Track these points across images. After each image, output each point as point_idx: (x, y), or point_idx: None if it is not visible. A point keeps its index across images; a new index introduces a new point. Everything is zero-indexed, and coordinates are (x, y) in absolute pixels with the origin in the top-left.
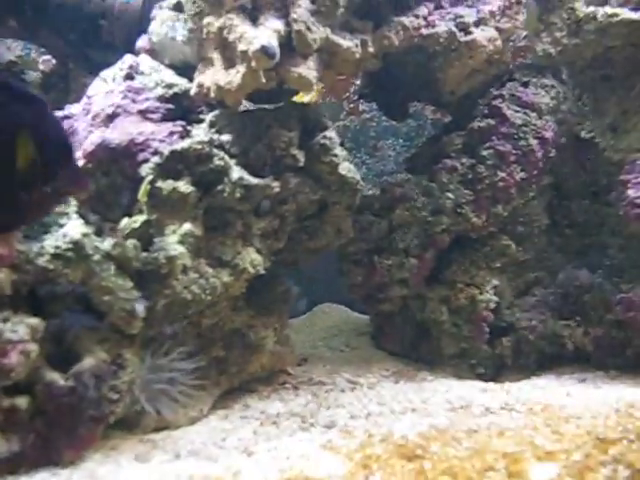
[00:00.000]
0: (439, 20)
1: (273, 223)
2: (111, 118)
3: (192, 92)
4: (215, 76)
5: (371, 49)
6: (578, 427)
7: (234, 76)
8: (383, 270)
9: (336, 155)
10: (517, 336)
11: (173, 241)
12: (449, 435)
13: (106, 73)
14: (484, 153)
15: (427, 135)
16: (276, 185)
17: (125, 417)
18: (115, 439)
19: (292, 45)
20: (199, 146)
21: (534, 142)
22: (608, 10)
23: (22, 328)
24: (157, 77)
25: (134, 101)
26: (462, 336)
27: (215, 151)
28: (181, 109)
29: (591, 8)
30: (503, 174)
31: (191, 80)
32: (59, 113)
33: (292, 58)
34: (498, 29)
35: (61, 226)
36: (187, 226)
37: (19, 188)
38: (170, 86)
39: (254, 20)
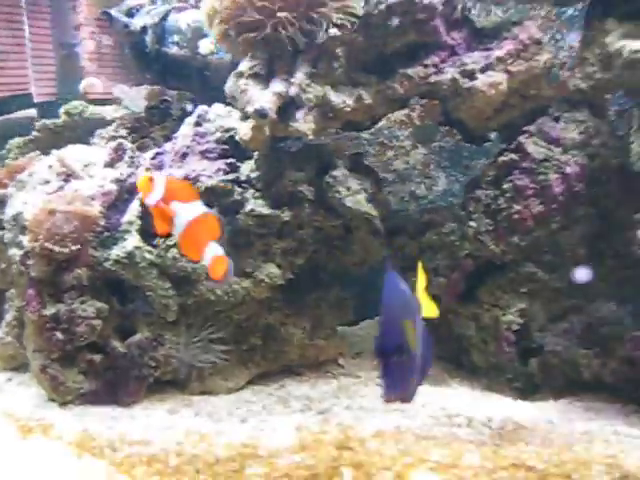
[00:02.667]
0: (449, 67)
1: (292, 244)
2: (184, 156)
3: (236, 137)
4: (240, 127)
5: (368, 101)
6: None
7: (247, 130)
8: None
9: (339, 191)
10: (544, 358)
11: None
12: (396, 436)
13: (188, 119)
14: (505, 186)
15: None
16: (286, 215)
17: (179, 380)
18: (167, 394)
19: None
20: (222, 183)
21: (554, 177)
22: (634, 46)
23: (90, 309)
24: (218, 123)
25: (199, 143)
26: (490, 351)
27: (236, 187)
28: (237, 148)
29: (621, 42)
30: (519, 207)
31: None
32: (158, 150)
33: (294, 113)
34: (509, 72)
35: (125, 240)
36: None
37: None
38: (227, 130)
39: (268, 82)
